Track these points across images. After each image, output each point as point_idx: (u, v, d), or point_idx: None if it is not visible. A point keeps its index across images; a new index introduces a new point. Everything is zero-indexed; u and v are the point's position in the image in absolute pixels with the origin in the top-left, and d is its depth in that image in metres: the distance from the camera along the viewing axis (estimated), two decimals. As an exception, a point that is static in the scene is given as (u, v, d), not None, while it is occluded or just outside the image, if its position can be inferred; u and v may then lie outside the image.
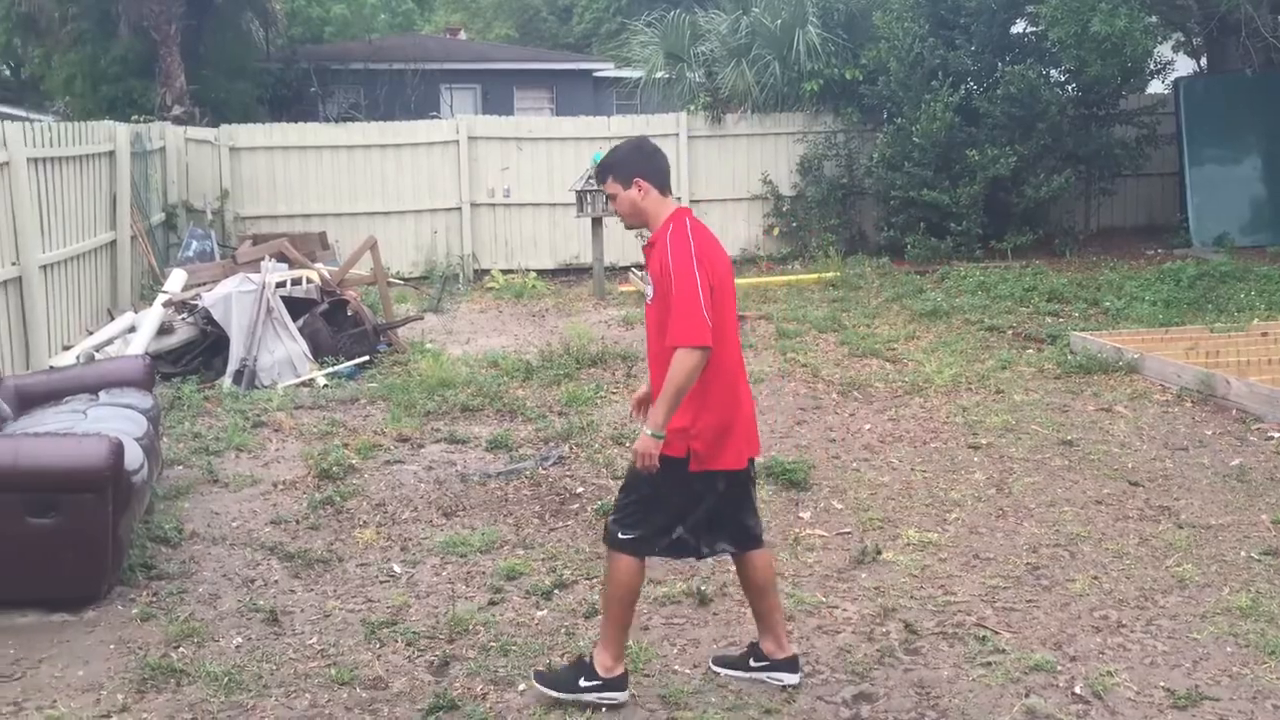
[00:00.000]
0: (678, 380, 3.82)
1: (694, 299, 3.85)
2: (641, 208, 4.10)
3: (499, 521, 6.08)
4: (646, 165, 4.10)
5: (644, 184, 4.06)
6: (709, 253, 4.00)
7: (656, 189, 4.08)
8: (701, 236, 4.05)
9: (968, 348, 9.85)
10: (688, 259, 3.91)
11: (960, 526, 5.87)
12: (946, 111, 13.99)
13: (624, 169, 4.10)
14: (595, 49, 31.67)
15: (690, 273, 3.89)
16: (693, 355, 3.83)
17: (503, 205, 15.14)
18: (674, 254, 3.93)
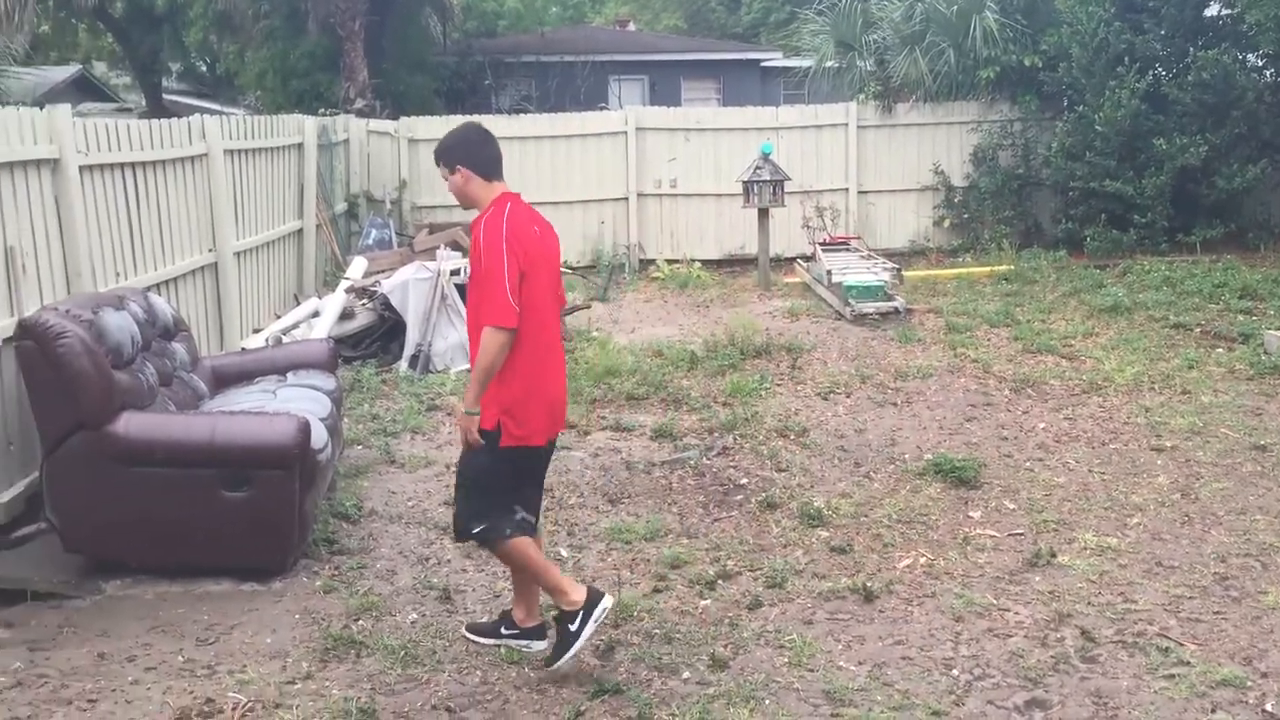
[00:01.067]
0: (484, 359, 4.07)
1: (500, 282, 4.06)
2: (467, 192, 4.32)
3: (663, 510, 6.13)
4: (469, 152, 4.31)
5: (465, 170, 4.28)
6: (523, 237, 4.17)
7: (480, 175, 4.29)
8: (518, 221, 4.19)
9: (1151, 345, 9.43)
10: (498, 243, 4.10)
11: (1142, 532, 5.64)
12: (1132, 99, 13.39)
13: (450, 155, 4.33)
14: (763, 39, 31.47)
15: (499, 256, 4.08)
16: (498, 335, 4.06)
17: (669, 195, 15.21)
18: (486, 238, 4.13)
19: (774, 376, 8.83)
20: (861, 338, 10.18)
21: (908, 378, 8.72)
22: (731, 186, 14.12)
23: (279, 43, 19.91)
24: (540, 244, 4.27)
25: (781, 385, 8.62)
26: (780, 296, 12.53)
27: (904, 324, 10.58)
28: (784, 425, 7.49)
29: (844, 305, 11.08)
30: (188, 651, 4.53)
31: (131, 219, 7.06)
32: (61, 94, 24.12)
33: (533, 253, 4.18)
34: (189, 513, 5.05)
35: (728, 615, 4.82)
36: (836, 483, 6.52)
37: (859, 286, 11.19)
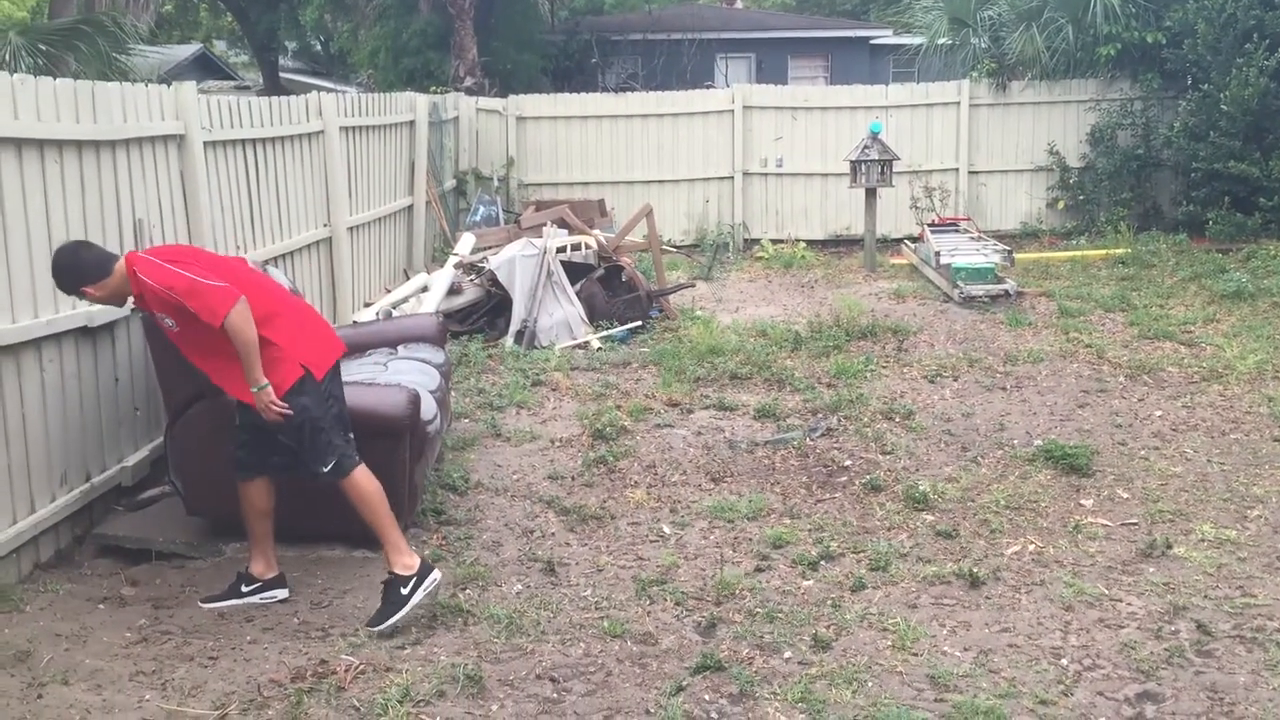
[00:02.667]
0: (242, 338, 4.38)
1: (195, 284, 4.37)
2: (115, 289, 4.55)
3: (766, 490, 6.12)
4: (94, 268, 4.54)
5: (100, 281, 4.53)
6: (168, 252, 4.65)
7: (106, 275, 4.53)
8: (153, 252, 4.63)
9: (1275, 333, 9.09)
10: (163, 273, 4.40)
11: (1263, 525, 5.46)
12: (1261, 77, 12.85)
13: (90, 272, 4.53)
14: (873, 15, 30.94)
15: (174, 275, 4.39)
16: (236, 312, 4.36)
17: (774, 175, 15.09)
18: (156, 281, 4.39)
19: (879, 358, 8.73)
20: (970, 321, 10.00)
21: (1018, 362, 8.55)
22: (838, 166, 13.95)
23: (391, 21, 20.23)
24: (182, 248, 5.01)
25: (887, 367, 8.53)
26: (887, 278, 12.37)
27: (1014, 307, 10.37)
28: (889, 408, 7.41)
29: (952, 287, 10.89)
30: (303, 614, 4.67)
31: (251, 194, 7.27)
32: (184, 72, 24.90)
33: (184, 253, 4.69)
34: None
35: (830, 596, 4.81)
36: (942, 467, 6.43)
37: (968, 268, 10.99)
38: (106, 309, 5.28)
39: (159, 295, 4.42)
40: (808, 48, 26.91)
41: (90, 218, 5.33)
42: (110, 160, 5.52)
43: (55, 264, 4.62)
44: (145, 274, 4.43)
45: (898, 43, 23.93)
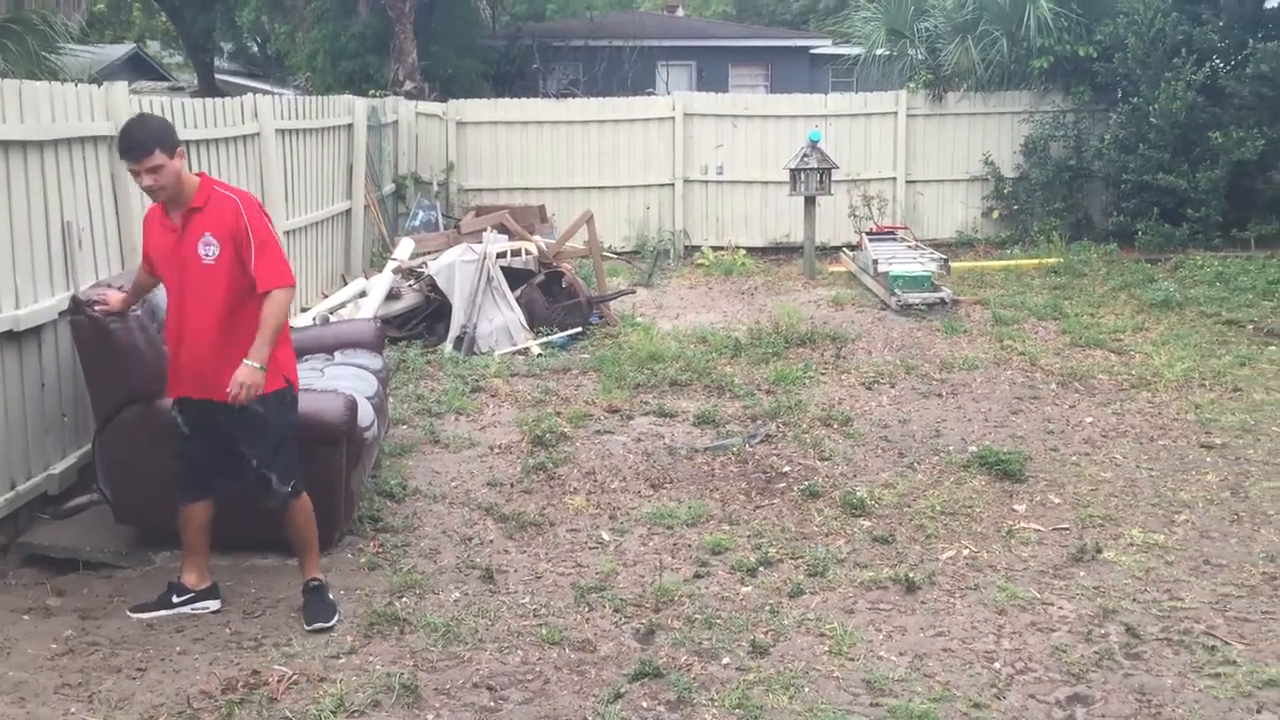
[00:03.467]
0: (277, 317, 4.38)
1: (272, 241, 4.45)
2: (173, 176, 4.40)
3: (705, 496, 6.14)
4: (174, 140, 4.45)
5: (182, 153, 4.46)
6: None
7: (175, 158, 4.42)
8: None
9: (1202, 341, 9.30)
10: (258, 211, 4.49)
11: (1189, 529, 5.58)
12: (1188, 91, 13.18)
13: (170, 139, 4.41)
14: (813, 25, 31.25)
15: (264, 221, 4.48)
16: (287, 294, 4.44)
17: (715, 182, 15.15)
18: (249, 211, 4.44)
19: (818, 365, 8.80)
20: (907, 328, 10.12)
21: (953, 369, 8.66)
22: (778, 174, 14.06)
23: (329, 24, 20.03)
24: None
25: (825, 374, 8.59)
26: (825, 285, 12.47)
27: (950, 315, 10.50)
28: (827, 414, 7.47)
29: (890, 295, 11.01)
30: (235, 624, 4.60)
31: (185, 196, 7.15)
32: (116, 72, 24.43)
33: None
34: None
35: (769, 602, 4.83)
36: (880, 473, 6.49)
37: (905, 276, 11.11)
38: (35, 311, 5.17)
39: (235, 223, 4.42)
40: (748, 56, 27.10)
41: (17, 219, 5.21)
42: (38, 161, 5.40)
43: (143, 119, 4.58)
44: (242, 200, 4.47)
45: (837, 53, 24.20)
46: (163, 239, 4.52)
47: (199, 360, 4.47)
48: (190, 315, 4.46)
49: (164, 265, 4.54)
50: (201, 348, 4.46)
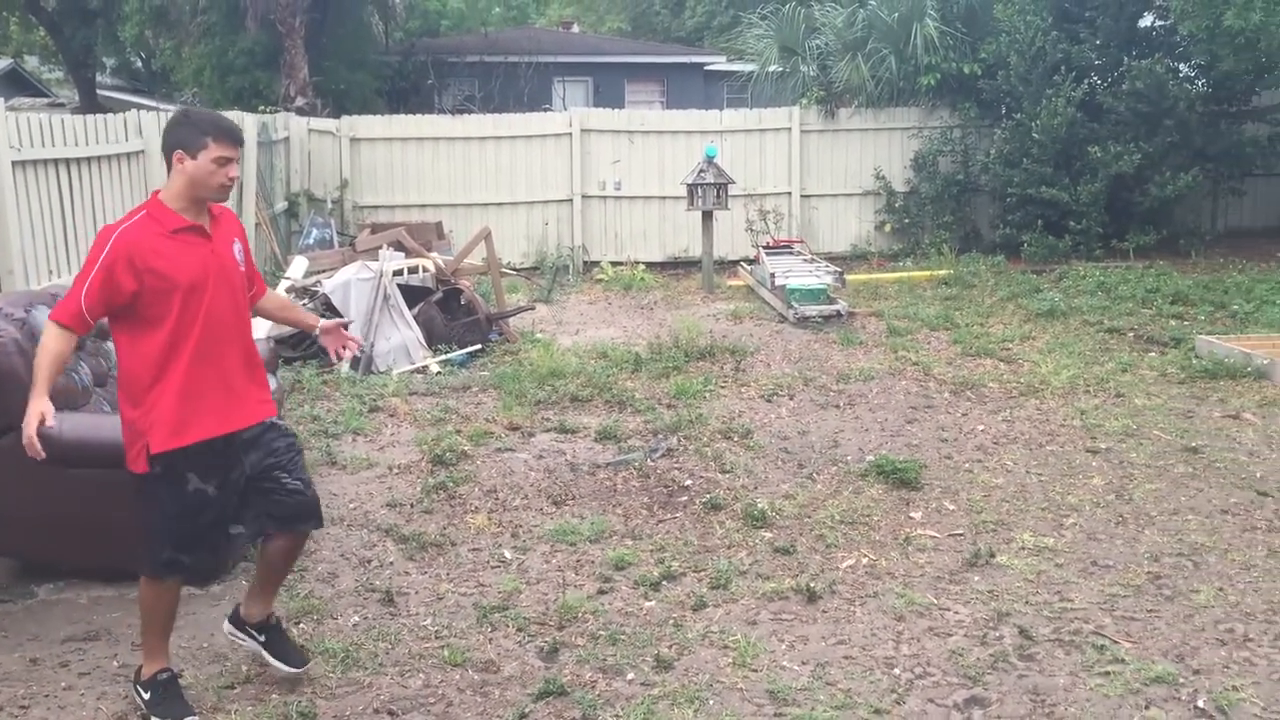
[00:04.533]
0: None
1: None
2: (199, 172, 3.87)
3: (608, 511, 6.13)
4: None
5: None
6: None
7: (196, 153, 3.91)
8: None
9: (1086, 349, 9.61)
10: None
11: (1078, 532, 5.74)
12: (1068, 107, 13.65)
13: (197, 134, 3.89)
14: (707, 42, 31.60)
15: None
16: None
17: (613, 198, 15.22)
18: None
19: (718, 379, 8.86)
20: (804, 340, 10.26)
21: (850, 380, 8.80)
22: (676, 189, 14.17)
23: (216, 39, 19.61)
24: None
25: (725, 387, 8.66)
26: (724, 299, 12.58)
27: (846, 327, 10.68)
28: (728, 427, 7.52)
29: (787, 308, 11.16)
30: (122, 657, 4.44)
31: (66, 216, 6.93)
32: (-8, 88, 23.57)
33: None
34: (123, 515, 4.95)
35: (672, 616, 4.83)
36: (780, 484, 6.56)
37: (802, 290, 11.27)
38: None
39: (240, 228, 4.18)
40: (644, 73, 27.28)
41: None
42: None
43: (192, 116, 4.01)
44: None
45: (731, 69, 24.49)
46: (188, 255, 3.81)
47: (236, 384, 3.96)
48: (232, 334, 3.95)
49: (198, 284, 3.82)
50: (240, 369, 3.98)
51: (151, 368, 3.80)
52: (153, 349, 3.79)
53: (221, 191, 3.90)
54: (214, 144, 3.82)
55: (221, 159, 3.83)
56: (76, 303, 3.74)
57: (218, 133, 3.85)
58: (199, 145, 3.81)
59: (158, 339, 3.79)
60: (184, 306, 3.80)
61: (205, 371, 3.86)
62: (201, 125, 3.86)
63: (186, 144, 3.82)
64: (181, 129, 3.87)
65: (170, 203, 3.86)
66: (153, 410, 3.79)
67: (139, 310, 3.78)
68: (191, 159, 3.82)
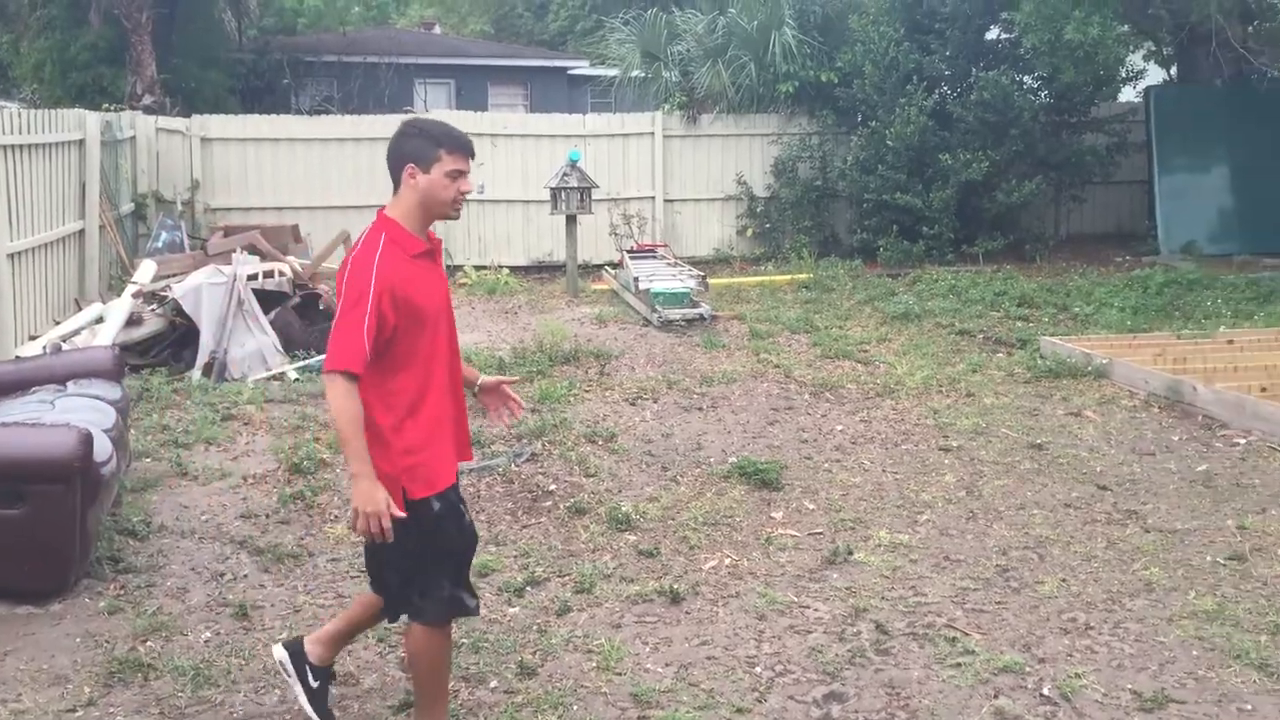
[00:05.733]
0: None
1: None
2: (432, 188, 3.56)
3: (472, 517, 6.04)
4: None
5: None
6: None
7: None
8: None
9: (939, 351, 9.91)
10: None
11: (931, 528, 5.91)
12: (920, 116, 14.08)
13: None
14: (570, 46, 31.62)
15: None
16: None
17: (476, 201, 15.06)
18: None
19: (582, 383, 8.86)
20: (668, 344, 10.33)
21: (713, 383, 8.89)
22: (540, 193, 14.12)
23: (57, 33, 18.78)
24: None
25: (590, 391, 8.66)
26: (589, 303, 12.59)
27: (709, 330, 10.80)
28: (592, 431, 7.52)
29: (651, 312, 11.22)
30: None
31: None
32: None
33: None
34: None
35: (536, 622, 4.80)
36: (644, 487, 6.59)
37: (666, 293, 11.36)
38: None
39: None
40: (507, 76, 27.16)
41: None
42: None
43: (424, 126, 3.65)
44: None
45: (594, 74, 24.55)
46: (428, 279, 3.54)
47: (461, 418, 3.74)
48: (457, 367, 3.69)
49: (437, 312, 3.56)
50: (460, 402, 3.74)
51: (399, 409, 3.45)
52: (403, 387, 3.46)
53: (454, 208, 3.56)
54: (447, 155, 3.49)
55: (455, 172, 3.50)
56: (360, 346, 3.31)
57: (451, 143, 3.52)
58: (432, 158, 3.48)
59: (409, 376, 3.46)
60: (431, 339, 3.52)
61: (447, 406, 3.59)
62: (434, 135, 3.53)
63: (419, 157, 3.48)
64: (412, 140, 3.53)
65: (403, 222, 3.51)
66: (409, 454, 3.46)
67: (389, 348, 3.42)
68: (424, 173, 3.48)
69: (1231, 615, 4.78)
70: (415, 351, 3.45)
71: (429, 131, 3.55)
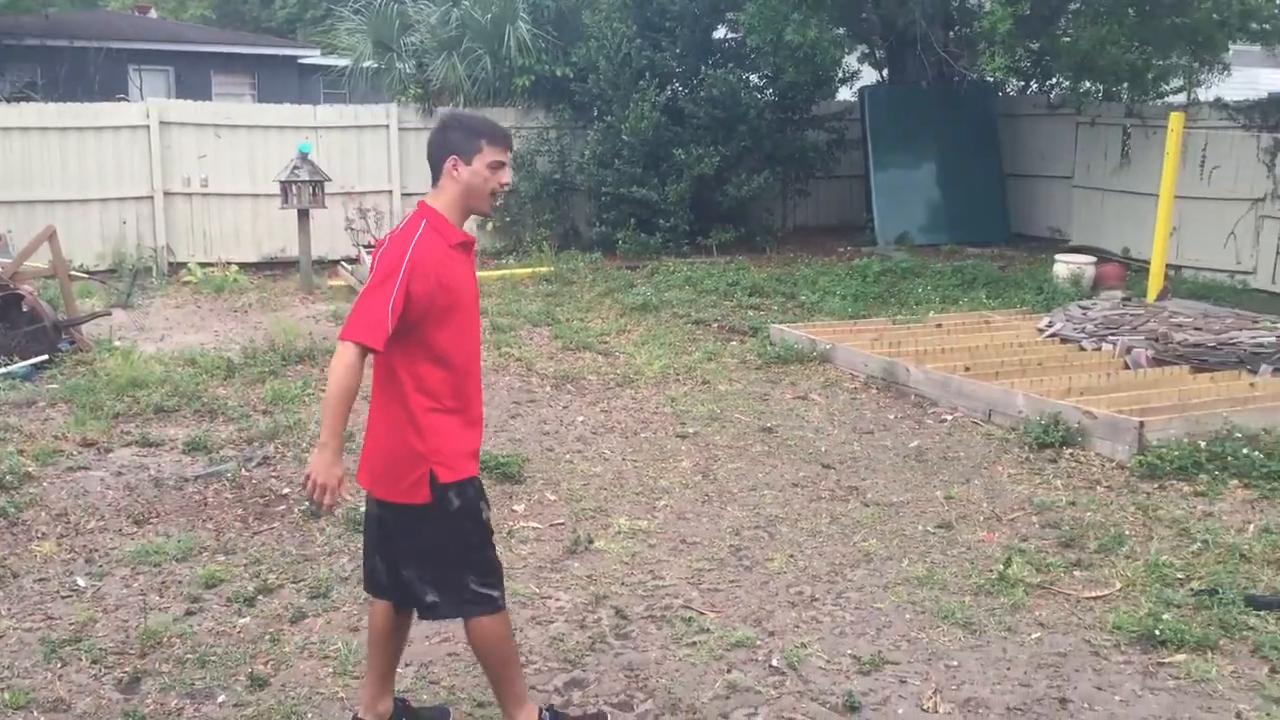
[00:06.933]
0: None
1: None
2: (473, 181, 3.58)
3: (197, 527, 5.77)
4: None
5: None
6: None
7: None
8: None
9: (676, 340, 10.18)
10: None
11: (669, 513, 6.07)
12: (654, 111, 14.40)
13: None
14: (301, 34, 30.54)
15: None
16: None
17: (200, 195, 14.34)
18: None
19: (318, 382, 8.58)
20: (407, 340, 10.14)
21: (453, 378, 8.80)
22: (269, 187, 13.57)
23: None
24: None
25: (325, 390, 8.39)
26: (325, 300, 12.22)
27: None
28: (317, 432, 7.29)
29: (389, 308, 10.98)
30: None
31: None
32: None
33: None
34: None
35: (269, 631, 4.62)
36: (383, 486, 6.44)
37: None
38: None
39: None
40: (233, 64, 25.98)
41: None
42: None
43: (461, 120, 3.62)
44: None
45: (326, 63, 23.77)
46: (463, 270, 3.55)
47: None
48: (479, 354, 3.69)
49: (472, 302, 3.60)
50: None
51: (434, 394, 3.46)
52: (436, 372, 3.46)
53: (493, 200, 3.60)
54: (488, 147, 3.50)
55: (496, 164, 3.52)
56: (382, 320, 3.31)
57: (492, 135, 3.53)
58: (474, 149, 3.49)
59: (449, 365, 3.47)
60: (463, 326, 3.52)
61: (474, 393, 3.61)
62: (475, 127, 3.54)
63: (462, 149, 3.49)
64: (454, 132, 3.53)
65: (445, 212, 3.51)
66: (443, 437, 3.47)
67: (420, 331, 3.40)
68: (466, 165, 3.48)
69: (940, 579, 5.15)
70: (456, 340, 3.49)
71: (470, 124, 3.59)
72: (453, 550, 3.55)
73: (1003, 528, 5.83)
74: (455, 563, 3.56)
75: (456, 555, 3.55)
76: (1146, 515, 5.95)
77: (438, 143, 3.56)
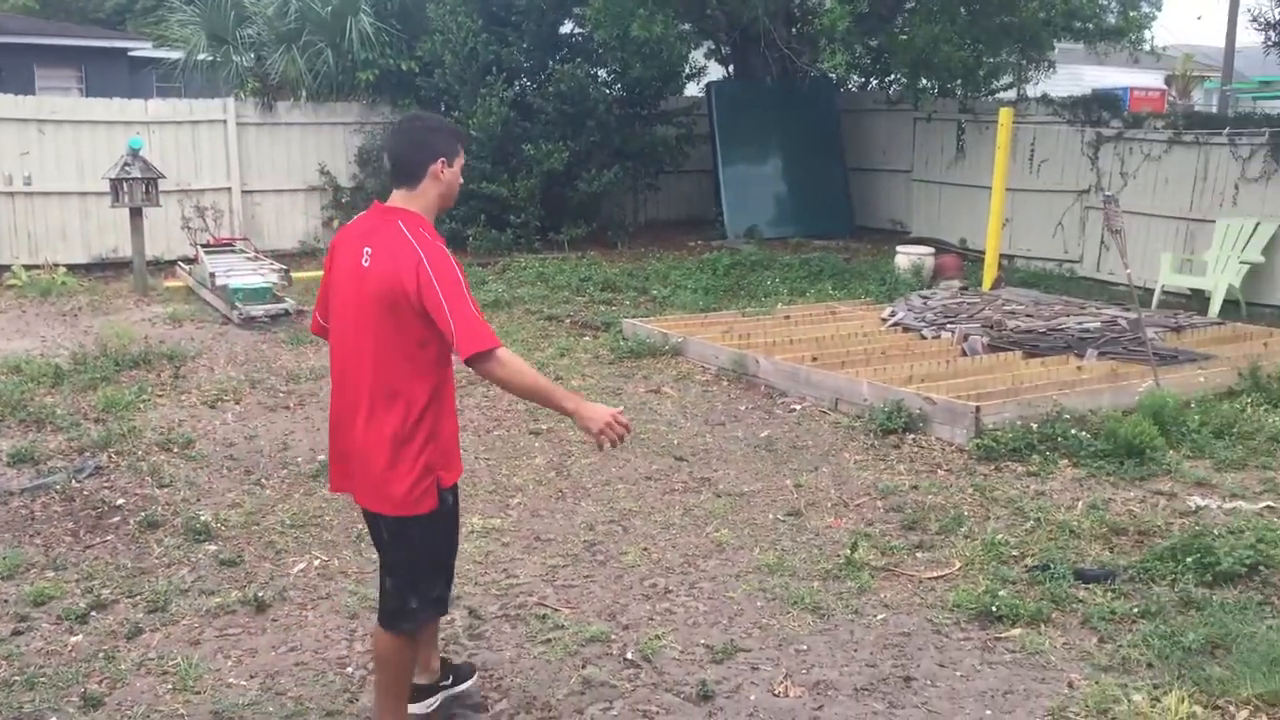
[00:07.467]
0: None
1: None
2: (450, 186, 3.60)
3: (24, 543, 5.48)
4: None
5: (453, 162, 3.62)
6: None
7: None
8: None
9: (529, 336, 10.14)
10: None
11: (523, 510, 6.03)
12: (502, 106, 14.30)
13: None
14: (131, 25, 29.28)
15: None
16: None
17: (23, 194, 13.61)
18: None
19: (154, 387, 8.25)
20: (251, 341, 9.85)
21: (300, 380, 8.58)
22: (99, 184, 12.97)
23: None
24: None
25: (163, 396, 8.09)
26: (161, 302, 11.75)
27: (295, 326, 10.40)
28: (166, 438, 7.03)
29: (231, 309, 10.65)
30: None
31: None
32: None
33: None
34: None
35: (103, 648, 4.42)
36: (226, 493, 6.24)
37: (245, 289, 10.82)
38: None
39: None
40: (58, 56, 24.77)
41: None
42: None
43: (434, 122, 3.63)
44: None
45: (159, 56, 22.87)
46: None
47: None
48: None
49: None
50: None
51: (444, 398, 3.56)
52: (433, 373, 3.50)
53: (453, 202, 3.65)
54: (462, 149, 3.59)
55: (464, 165, 3.62)
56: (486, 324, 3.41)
57: (464, 137, 3.66)
58: (455, 152, 3.54)
59: (438, 363, 3.51)
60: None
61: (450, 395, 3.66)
62: (452, 129, 3.64)
63: (448, 151, 3.51)
64: (438, 135, 3.53)
65: (426, 215, 3.50)
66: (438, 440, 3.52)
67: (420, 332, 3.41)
68: (449, 168, 3.51)
69: (789, 566, 5.25)
70: (434, 339, 3.47)
71: (446, 126, 3.66)
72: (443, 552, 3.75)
73: (849, 513, 5.98)
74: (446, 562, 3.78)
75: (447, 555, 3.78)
76: (984, 496, 6.18)
77: (419, 144, 3.51)
